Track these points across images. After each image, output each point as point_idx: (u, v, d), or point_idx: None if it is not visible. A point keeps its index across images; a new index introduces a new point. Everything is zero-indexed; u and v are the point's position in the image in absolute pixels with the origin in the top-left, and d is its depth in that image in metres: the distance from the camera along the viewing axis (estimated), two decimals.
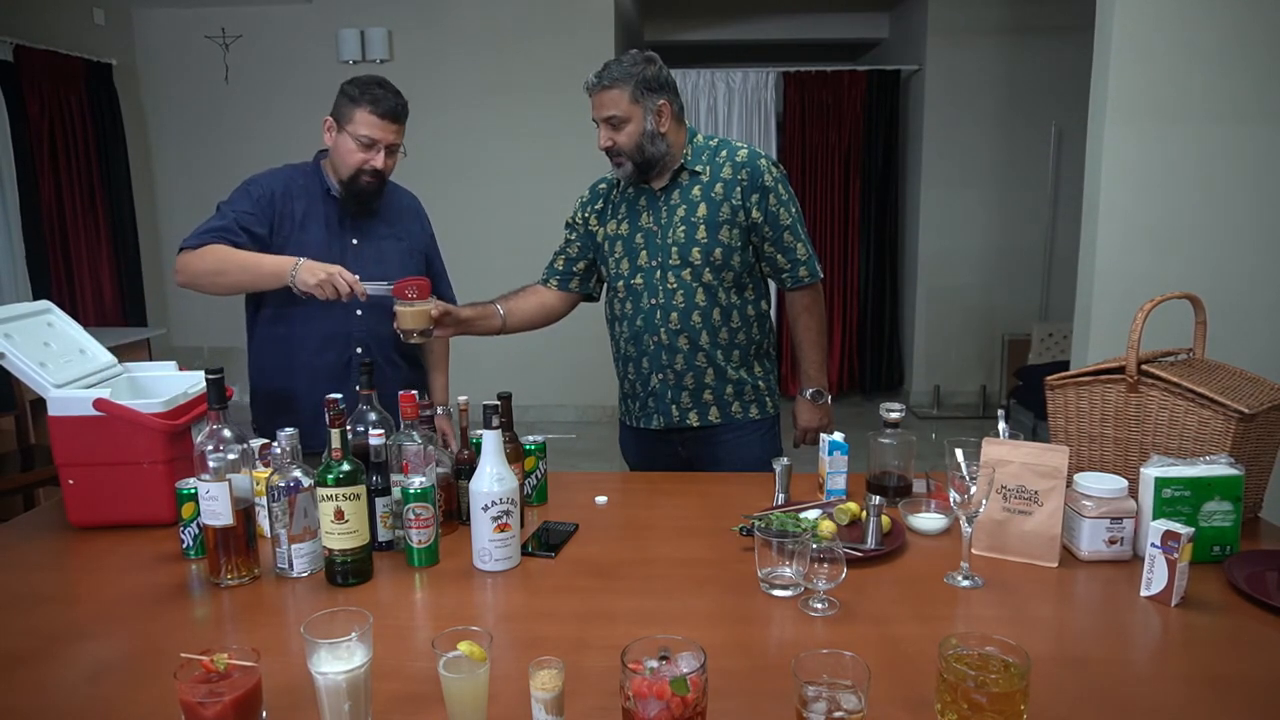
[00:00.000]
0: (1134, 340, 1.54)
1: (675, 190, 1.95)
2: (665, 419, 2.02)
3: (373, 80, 1.97)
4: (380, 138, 1.94)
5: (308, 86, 5.33)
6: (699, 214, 1.92)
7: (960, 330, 6.01)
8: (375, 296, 1.86)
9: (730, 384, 1.99)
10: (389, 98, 1.94)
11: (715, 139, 1.98)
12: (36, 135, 4.50)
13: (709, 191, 1.92)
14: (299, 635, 1.02)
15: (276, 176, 2.05)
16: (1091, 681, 1.10)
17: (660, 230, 1.95)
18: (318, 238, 2.01)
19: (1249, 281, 2.80)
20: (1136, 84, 2.77)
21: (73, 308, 4.58)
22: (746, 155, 1.93)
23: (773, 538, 1.33)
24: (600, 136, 1.91)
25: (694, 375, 1.97)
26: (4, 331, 1.66)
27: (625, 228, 2.00)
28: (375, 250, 2.05)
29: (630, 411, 2.10)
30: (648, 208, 1.97)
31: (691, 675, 0.91)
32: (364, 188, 1.98)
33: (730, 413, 2.01)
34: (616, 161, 1.93)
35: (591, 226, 2.06)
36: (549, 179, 5.49)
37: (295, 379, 2.00)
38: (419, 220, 2.20)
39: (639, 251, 1.97)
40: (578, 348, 5.67)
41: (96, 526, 1.63)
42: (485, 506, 1.41)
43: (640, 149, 1.89)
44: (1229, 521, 1.41)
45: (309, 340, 2.01)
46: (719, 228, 1.91)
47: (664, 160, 1.92)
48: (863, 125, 5.90)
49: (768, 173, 1.92)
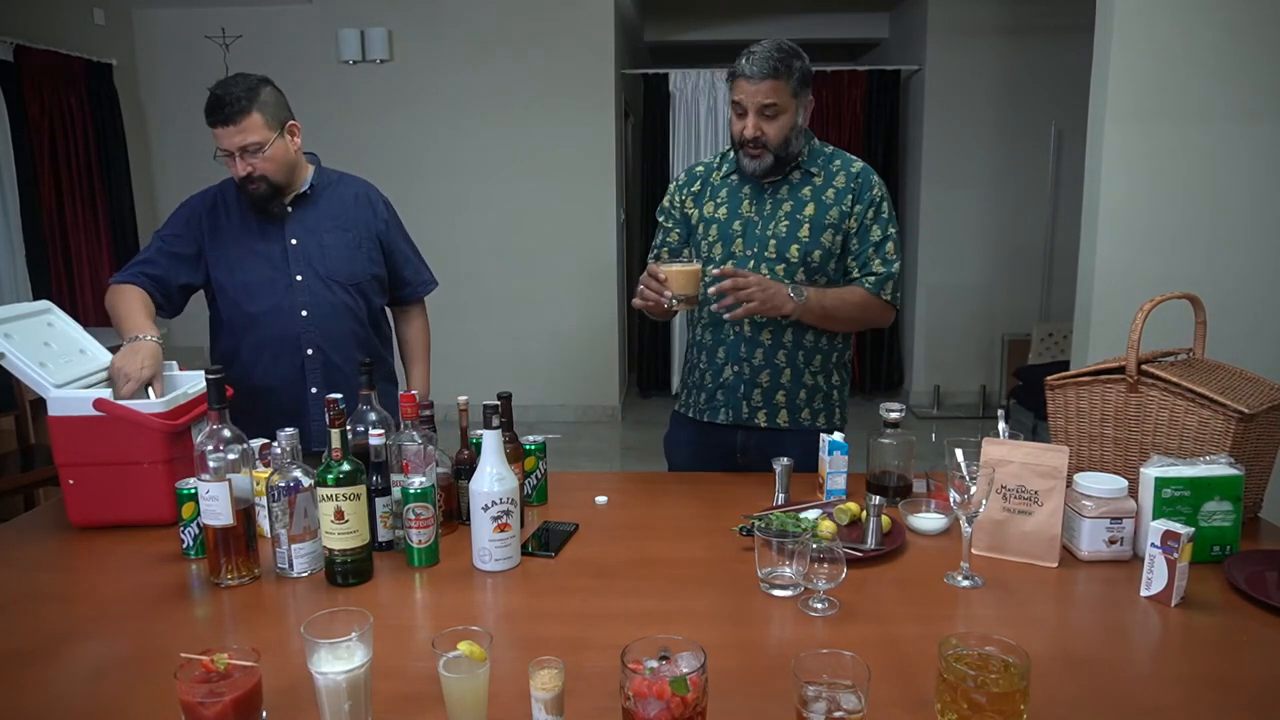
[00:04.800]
0: (1134, 340, 1.54)
1: (784, 186, 1.93)
2: (734, 414, 1.97)
3: (212, 88, 1.88)
4: (228, 146, 1.88)
5: (308, 86, 5.32)
6: (806, 213, 1.90)
7: (960, 330, 6.01)
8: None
9: (804, 389, 1.95)
10: (218, 105, 1.85)
11: (830, 147, 1.98)
12: (36, 135, 4.50)
13: (820, 194, 1.91)
14: (299, 635, 1.02)
15: (208, 193, 2.07)
16: (1091, 681, 1.10)
17: (761, 221, 1.92)
18: (252, 246, 2.01)
19: (1249, 282, 2.80)
20: (1136, 84, 2.77)
21: (73, 308, 4.58)
22: (861, 168, 1.94)
23: (773, 538, 1.33)
24: (747, 124, 1.82)
25: (770, 373, 1.93)
26: (4, 331, 1.66)
27: (724, 212, 1.95)
28: (316, 247, 2.03)
29: (694, 403, 2.04)
30: (751, 197, 1.94)
31: (691, 675, 0.91)
32: (253, 195, 1.94)
33: (799, 419, 1.96)
34: (754, 154, 1.86)
35: (688, 209, 2.02)
36: (549, 178, 5.50)
37: (251, 385, 1.97)
38: (369, 208, 2.13)
39: (735, 238, 1.93)
40: (578, 348, 5.69)
41: (96, 526, 1.63)
42: (485, 506, 1.41)
43: (787, 142, 1.85)
44: (1229, 521, 1.41)
45: (262, 348, 2.01)
46: (824, 230, 1.89)
47: (798, 156, 1.91)
48: (863, 125, 5.90)
49: (878, 188, 1.93)
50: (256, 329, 2.02)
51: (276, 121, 1.92)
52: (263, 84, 1.91)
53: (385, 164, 5.14)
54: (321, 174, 2.09)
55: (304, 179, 2.05)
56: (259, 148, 1.89)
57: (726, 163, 1.99)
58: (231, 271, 2.02)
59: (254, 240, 2.01)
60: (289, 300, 2.01)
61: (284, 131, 1.94)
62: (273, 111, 1.91)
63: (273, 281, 2.01)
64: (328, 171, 2.12)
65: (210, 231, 2.03)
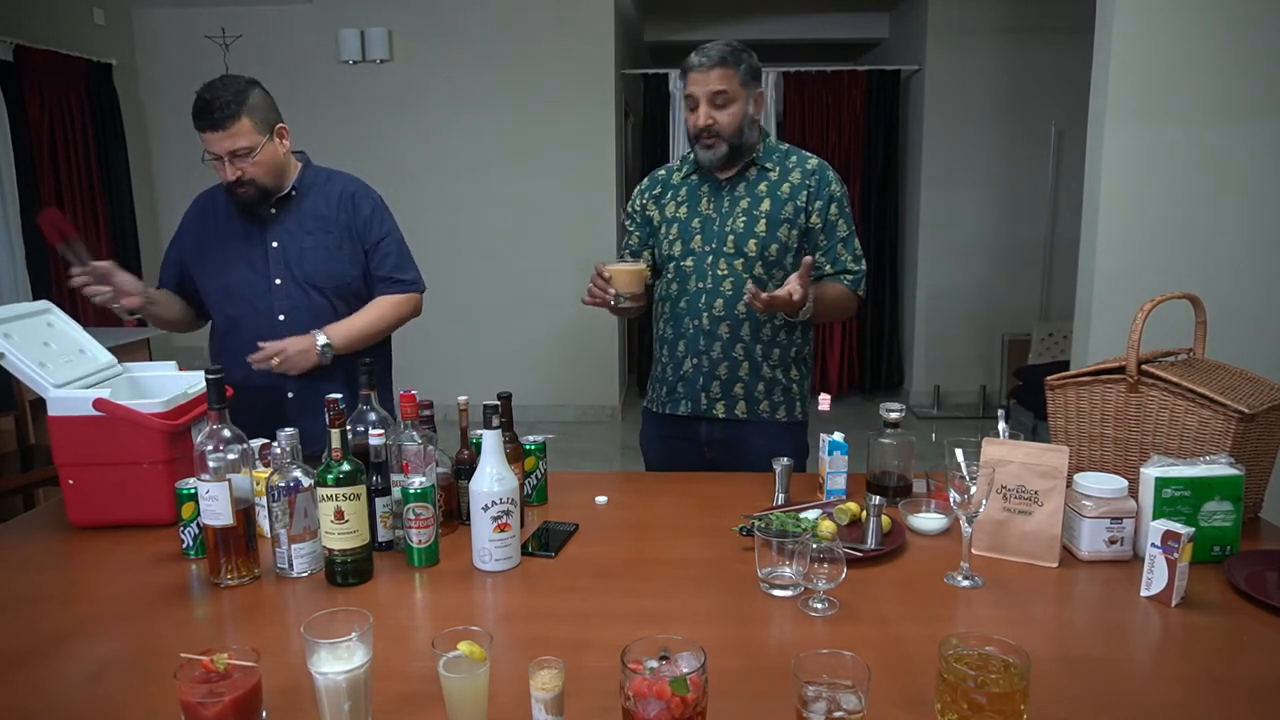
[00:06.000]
0: (1134, 340, 1.54)
1: (742, 183, 1.98)
2: (692, 405, 2.02)
3: (199, 92, 1.86)
4: (217, 150, 1.87)
5: (308, 86, 5.33)
6: (762, 208, 1.95)
7: (960, 330, 6.01)
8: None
9: (763, 381, 2.00)
10: (206, 110, 1.84)
11: (785, 145, 2.03)
12: (36, 135, 4.50)
13: (776, 189, 1.96)
14: (299, 635, 1.02)
15: (197, 202, 2.09)
16: (1091, 681, 1.10)
17: (719, 218, 1.97)
18: (236, 251, 2.01)
19: (1249, 281, 2.80)
20: (1136, 84, 2.77)
21: (73, 308, 4.55)
22: (817, 164, 1.99)
23: (773, 538, 1.33)
24: (699, 114, 1.89)
25: (728, 365, 1.98)
26: (4, 331, 1.66)
27: (684, 211, 2.02)
28: (297, 250, 2.02)
29: (657, 397, 2.11)
30: (710, 195, 2.00)
31: (691, 675, 0.91)
32: (240, 199, 1.94)
33: (758, 410, 2.01)
34: (708, 143, 1.91)
35: (649, 212, 2.09)
36: (549, 178, 5.50)
37: (234, 388, 1.96)
38: (351, 207, 2.08)
39: (694, 235, 1.99)
40: (578, 348, 5.69)
41: (96, 526, 1.63)
42: (485, 506, 1.41)
43: (739, 131, 1.91)
44: (1229, 521, 1.41)
45: (241, 351, 1.99)
46: (780, 225, 1.94)
47: (753, 149, 1.96)
48: (863, 125, 5.90)
49: (835, 184, 1.97)
50: (236, 332, 2.02)
51: (265, 125, 1.91)
52: (251, 86, 1.90)
53: (385, 164, 5.14)
54: (307, 173, 2.07)
55: (290, 180, 2.03)
56: (248, 152, 1.88)
57: (687, 164, 2.06)
58: (215, 275, 2.03)
59: (238, 243, 2.01)
60: (267, 304, 2.01)
61: (273, 135, 1.93)
62: (262, 115, 1.90)
63: (252, 285, 2.01)
64: (315, 170, 2.09)
65: (198, 235, 2.04)
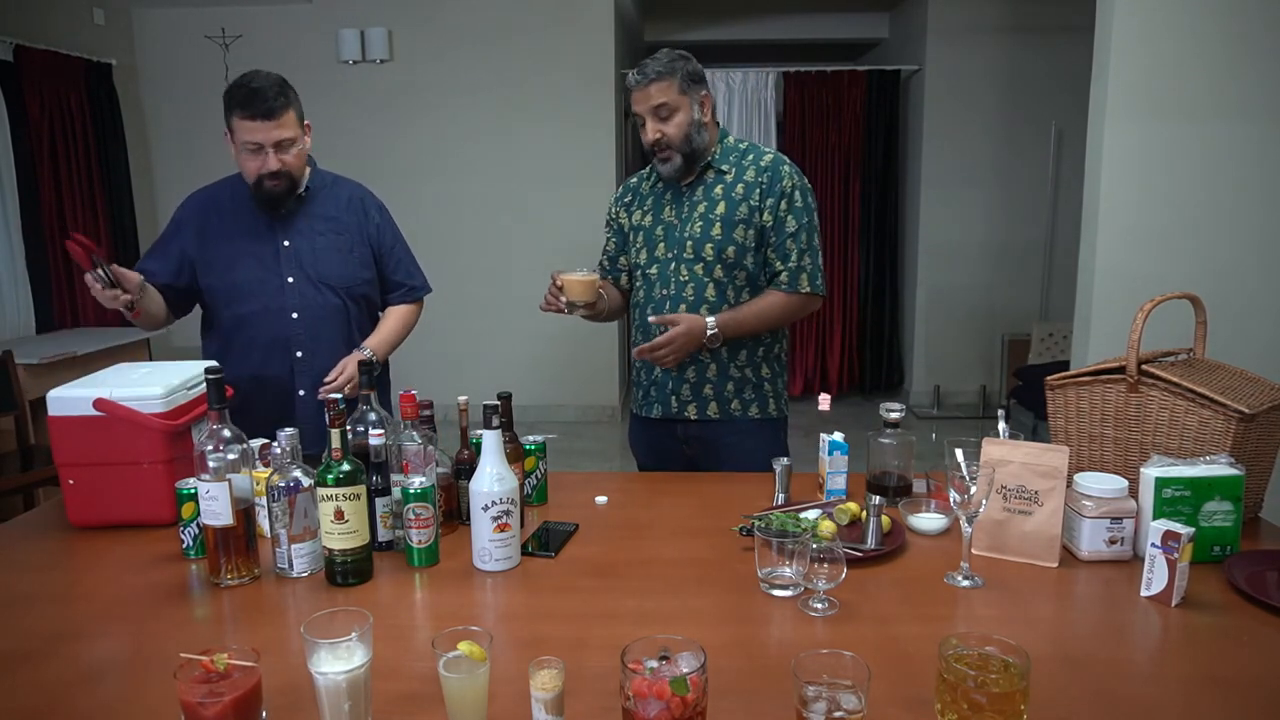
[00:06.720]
0: (1134, 340, 1.54)
1: (700, 187, 1.99)
2: (664, 408, 2.05)
3: (242, 82, 1.89)
4: (262, 140, 1.89)
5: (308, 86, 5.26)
6: (718, 211, 1.96)
7: (960, 330, 6.01)
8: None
9: (731, 381, 2.01)
10: (257, 98, 1.86)
11: (745, 143, 2.03)
12: (36, 135, 4.49)
13: (730, 191, 1.96)
14: (299, 635, 1.02)
15: (192, 200, 2.07)
16: (1091, 681, 1.10)
17: (680, 224, 1.99)
18: (245, 247, 2.01)
19: (1249, 281, 2.80)
20: (1136, 84, 2.77)
21: (73, 308, 4.57)
22: (771, 160, 1.98)
23: (773, 538, 1.33)
24: (648, 130, 1.93)
25: (695, 369, 2.00)
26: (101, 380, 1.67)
27: (649, 219, 2.05)
28: (309, 249, 2.03)
29: (636, 400, 2.15)
30: (672, 201, 2.02)
31: (691, 675, 0.91)
32: (270, 192, 1.95)
33: (730, 410, 2.02)
34: (664, 156, 1.94)
35: (621, 220, 2.12)
36: (549, 178, 5.50)
37: (240, 387, 1.94)
38: (363, 212, 2.12)
39: (657, 243, 2.02)
40: (578, 348, 5.69)
41: (96, 526, 1.63)
42: (485, 506, 1.41)
43: (689, 139, 1.92)
44: (1229, 521, 1.41)
45: (251, 349, 2.00)
46: (735, 226, 1.94)
47: (707, 153, 1.97)
48: (863, 125, 5.90)
49: (788, 179, 1.96)
50: (246, 330, 2.01)
51: (302, 119, 1.97)
52: (287, 82, 1.95)
53: (384, 164, 5.14)
54: (317, 176, 2.09)
55: (305, 180, 2.05)
56: (291, 143, 1.92)
57: (655, 172, 2.06)
58: (222, 272, 2.01)
59: (247, 241, 2.01)
60: (279, 302, 2.01)
61: (305, 130, 1.99)
62: (299, 109, 1.96)
63: (264, 283, 2.00)
64: (323, 173, 2.12)
65: (199, 232, 2.02)
